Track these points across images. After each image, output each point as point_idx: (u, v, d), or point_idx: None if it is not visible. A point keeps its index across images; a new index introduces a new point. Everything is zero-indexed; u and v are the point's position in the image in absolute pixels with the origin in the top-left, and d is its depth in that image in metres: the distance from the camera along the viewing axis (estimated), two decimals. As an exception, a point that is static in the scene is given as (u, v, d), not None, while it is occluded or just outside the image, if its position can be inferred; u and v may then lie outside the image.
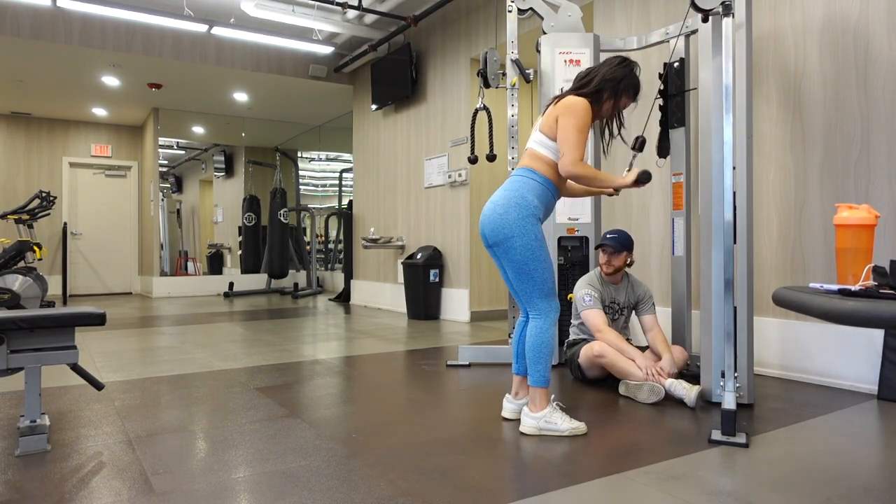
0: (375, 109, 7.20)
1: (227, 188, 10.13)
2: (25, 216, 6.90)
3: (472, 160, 3.81)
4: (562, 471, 1.94)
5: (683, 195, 3.34)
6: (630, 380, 2.87)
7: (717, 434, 2.22)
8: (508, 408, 2.54)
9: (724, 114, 2.41)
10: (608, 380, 3.13)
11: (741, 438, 2.19)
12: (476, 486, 1.82)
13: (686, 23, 3.19)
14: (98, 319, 2.23)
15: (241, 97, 8.52)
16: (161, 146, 9.24)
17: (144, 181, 9.82)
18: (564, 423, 2.30)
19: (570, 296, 3.37)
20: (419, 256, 6.10)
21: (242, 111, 9.37)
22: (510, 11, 3.70)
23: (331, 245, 10.35)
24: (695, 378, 3.08)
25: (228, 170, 10.13)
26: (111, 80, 7.61)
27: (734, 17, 2.52)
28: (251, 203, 9.78)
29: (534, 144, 2.42)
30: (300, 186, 10.50)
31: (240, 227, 9.93)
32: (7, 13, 6.01)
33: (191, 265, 9.78)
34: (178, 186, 9.91)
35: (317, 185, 10.72)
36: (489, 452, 2.12)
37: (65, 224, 9.07)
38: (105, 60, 6.87)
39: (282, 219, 9.18)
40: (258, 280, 9.71)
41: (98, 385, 2.37)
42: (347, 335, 5.00)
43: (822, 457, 2.06)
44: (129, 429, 2.41)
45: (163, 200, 9.35)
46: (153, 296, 8.99)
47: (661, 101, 3.44)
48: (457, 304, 5.96)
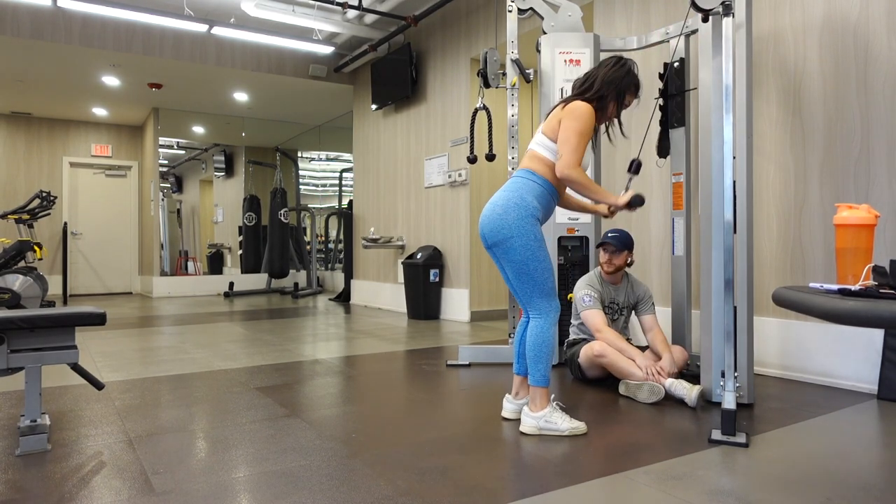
0: (375, 109, 7.20)
1: (228, 188, 10.13)
2: (26, 216, 6.90)
3: (472, 160, 3.81)
4: (562, 471, 1.94)
5: (683, 195, 3.34)
6: (630, 380, 2.87)
7: (717, 434, 2.22)
8: (508, 408, 2.54)
9: (724, 113, 2.41)
10: (608, 380, 3.13)
11: (741, 438, 2.19)
12: (476, 486, 1.82)
13: (686, 23, 3.19)
14: (98, 319, 2.24)
15: (242, 97, 8.52)
16: (161, 146, 9.25)
17: (144, 181, 9.83)
18: (564, 423, 2.30)
19: (570, 296, 3.37)
20: (419, 256, 6.11)
21: (242, 111, 9.37)
22: (510, 11, 3.70)
23: (331, 245, 10.35)
24: (695, 378, 3.08)
25: (228, 170, 10.13)
26: (111, 80, 7.61)
27: (734, 17, 2.52)
28: (251, 203, 9.78)
29: (535, 146, 2.42)
30: (300, 186, 10.51)
31: (240, 227, 9.93)
32: (7, 13, 6.01)
33: (191, 265, 9.79)
34: (179, 186, 9.91)
35: (317, 185, 10.72)
36: (489, 452, 2.12)
37: (65, 224, 9.07)
38: (105, 60, 6.87)
39: (282, 219, 9.19)
40: (258, 280, 9.71)
41: (98, 385, 2.37)
42: (347, 335, 5.00)
43: (822, 457, 2.06)
44: (129, 429, 2.41)
45: (163, 200, 9.35)
46: (153, 295, 9.00)
47: (661, 101, 3.44)
48: (457, 304, 5.96)
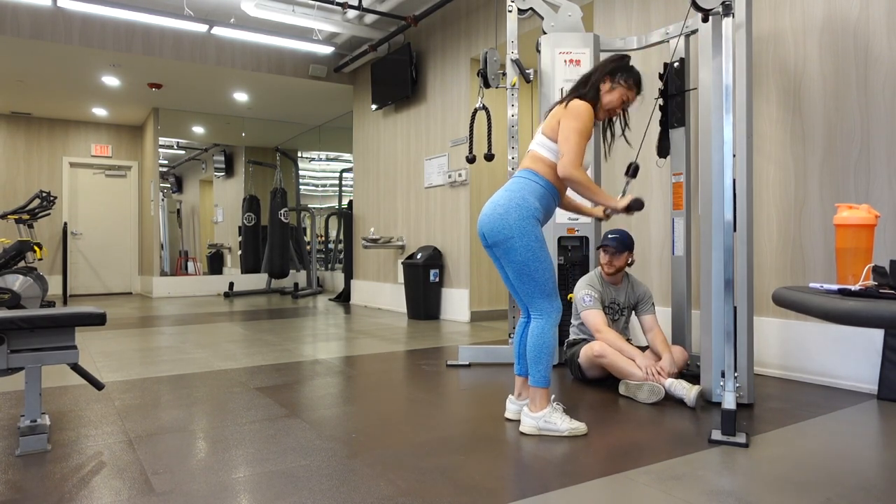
0: (375, 109, 7.20)
1: (228, 188, 10.13)
2: (26, 216, 6.90)
3: (470, 160, 3.81)
4: (562, 471, 1.94)
5: (683, 195, 3.34)
6: (630, 380, 2.87)
7: (718, 434, 2.22)
8: (511, 408, 2.54)
9: (724, 114, 2.41)
10: (608, 380, 3.13)
11: (741, 438, 2.19)
12: (476, 486, 1.82)
13: (686, 23, 3.19)
14: (98, 319, 2.24)
15: (241, 97, 8.52)
16: (161, 146, 9.24)
17: (144, 181, 9.83)
18: (564, 424, 2.30)
19: (570, 296, 3.37)
20: (419, 256, 6.10)
21: (242, 111, 9.37)
22: (510, 11, 3.70)
23: (331, 245, 10.35)
24: (695, 378, 3.08)
25: (228, 170, 10.13)
26: (111, 80, 7.61)
27: (734, 17, 2.52)
28: (251, 203, 9.78)
29: (536, 146, 2.42)
30: (300, 186, 10.51)
31: (240, 227, 9.93)
32: (7, 13, 6.01)
33: (191, 265, 9.78)
34: (179, 186, 9.91)
35: (317, 185, 10.72)
36: (489, 452, 2.12)
37: (65, 224, 9.07)
38: (105, 60, 6.87)
39: (282, 219, 9.18)
40: (258, 280, 9.71)
41: (98, 385, 2.37)
42: (347, 335, 5.00)
43: (822, 457, 2.06)
44: (129, 429, 2.41)
45: (163, 200, 9.35)
46: (153, 296, 9.00)
47: (661, 101, 3.44)
48: (457, 304, 5.96)
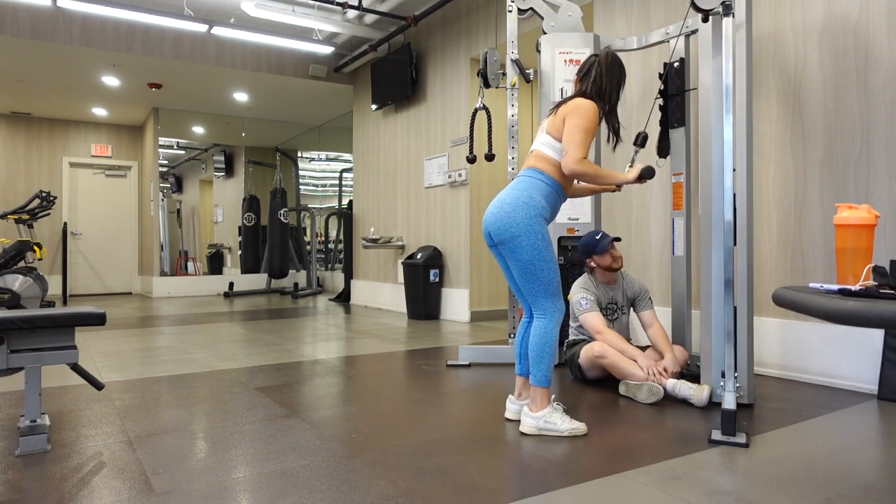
0: (375, 109, 7.19)
1: (227, 188, 10.12)
2: (25, 216, 6.90)
3: (471, 160, 3.81)
4: (562, 471, 1.94)
5: (683, 195, 3.34)
6: (630, 380, 2.87)
7: (718, 434, 2.22)
8: (512, 409, 2.54)
9: (724, 114, 2.41)
10: (608, 380, 3.13)
11: (741, 438, 2.19)
12: (476, 486, 1.81)
13: (686, 23, 3.19)
14: (98, 319, 2.24)
15: (241, 97, 8.52)
16: (161, 146, 9.24)
17: (144, 181, 9.82)
18: (564, 424, 2.30)
19: (570, 296, 3.37)
20: (419, 256, 6.10)
21: (242, 111, 9.37)
22: (510, 11, 3.70)
23: (331, 245, 10.35)
24: (695, 378, 3.08)
25: (228, 170, 10.13)
26: (111, 80, 7.61)
27: (734, 17, 2.52)
28: (251, 203, 9.78)
29: (540, 146, 2.41)
30: (300, 186, 10.50)
31: (240, 227, 9.93)
32: (7, 13, 6.01)
33: (191, 265, 9.78)
34: (178, 186, 9.91)
35: (317, 185, 10.72)
36: (489, 452, 2.12)
37: (65, 224, 9.07)
38: (105, 60, 6.87)
39: (282, 219, 9.18)
40: (258, 280, 9.71)
41: (98, 385, 2.37)
42: (347, 335, 5.00)
43: (822, 457, 2.06)
44: (129, 429, 2.41)
45: (163, 200, 9.35)
46: (153, 296, 8.99)
47: (661, 101, 3.44)
48: (457, 304, 5.96)
